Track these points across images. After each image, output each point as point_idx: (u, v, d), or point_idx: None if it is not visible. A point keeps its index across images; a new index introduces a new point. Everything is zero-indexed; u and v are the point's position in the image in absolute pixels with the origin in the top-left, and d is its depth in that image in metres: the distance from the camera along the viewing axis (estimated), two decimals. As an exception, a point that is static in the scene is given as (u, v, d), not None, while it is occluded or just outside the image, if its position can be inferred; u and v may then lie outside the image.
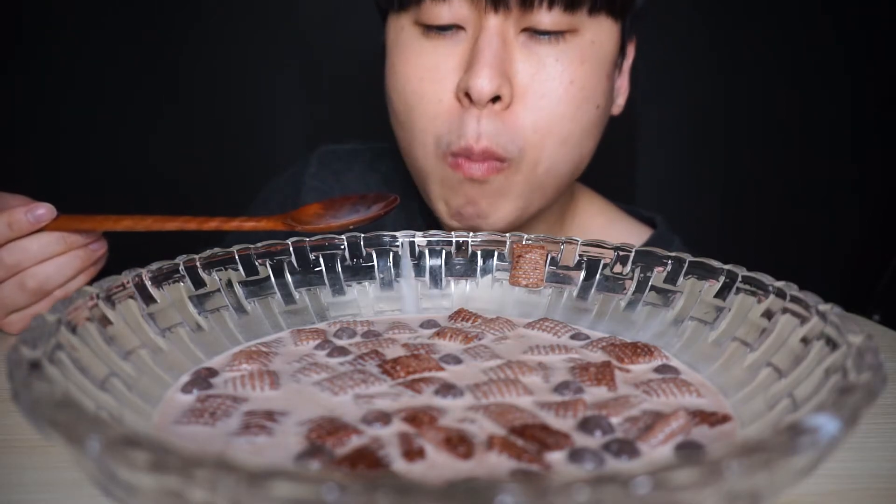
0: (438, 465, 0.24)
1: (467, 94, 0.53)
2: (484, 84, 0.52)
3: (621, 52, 0.60)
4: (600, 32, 0.56)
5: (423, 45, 0.56)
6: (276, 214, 0.51)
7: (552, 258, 0.43)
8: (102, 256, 0.51)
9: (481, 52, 0.52)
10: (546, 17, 0.53)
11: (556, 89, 0.54)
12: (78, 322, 0.29)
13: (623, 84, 0.63)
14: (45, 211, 0.46)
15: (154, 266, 0.36)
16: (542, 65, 0.54)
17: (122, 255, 0.52)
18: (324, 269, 0.42)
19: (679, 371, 0.34)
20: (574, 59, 0.55)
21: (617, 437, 0.27)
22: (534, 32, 0.54)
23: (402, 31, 0.57)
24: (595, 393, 0.31)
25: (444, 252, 0.44)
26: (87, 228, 0.48)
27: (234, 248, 0.40)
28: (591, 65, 0.56)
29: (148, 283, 0.34)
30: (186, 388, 0.31)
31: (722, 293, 0.36)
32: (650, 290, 0.39)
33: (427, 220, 0.73)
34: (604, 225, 0.72)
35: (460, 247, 0.44)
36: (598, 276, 0.41)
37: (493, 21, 0.53)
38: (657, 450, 0.26)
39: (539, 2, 0.52)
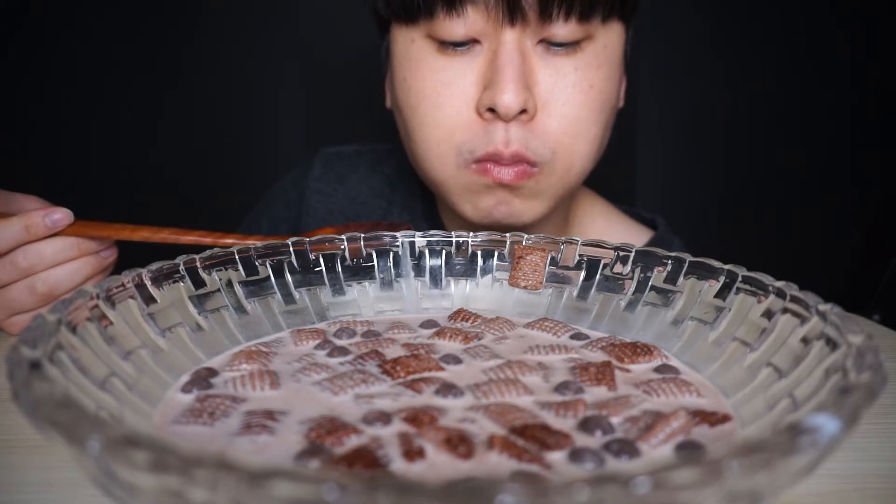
0: (438, 465, 0.24)
1: (490, 109, 0.53)
2: (511, 100, 0.51)
3: (625, 49, 0.60)
4: (611, 36, 0.56)
5: (437, 61, 0.55)
6: (291, 233, 0.53)
7: (552, 258, 0.43)
8: (112, 264, 0.51)
9: (504, 67, 0.52)
10: (562, 29, 0.53)
11: (577, 95, 0.55)
12: (78, 322, 0.29)
13: (622, 78, 0.64)
14: (62, 216, 0.47)
15: (154, 266, 0.36)
16: (561, 74, 0.54)
17: (122, 254, 0.52)
18: (324, 269, 0.42)
19: (679, 371, 0.34)
20: (591, 65, 0.55)
21: (617, 437, 0.27)
22: (550, 44, 0.54)
23: (412, 45, 0.56)
24: (595, 393, 0.31)
25: (444, 252, 0.44)
26: (104, 236, 0.48)
27: (234, 249, 0.40)
28: (607, 68, 0.56)
29: (148, 283, 0.34)
30: (186, 388, 0.31)
31: (722, 293, 0.36)
32: (650, 290, 0.39)
33: (430, 221, 0.73)
34: (604, 226, 0.73)
35: (460, 247, 0.44)
36: (598, 276, 0.41)
37: (511, 35, 0.52)
38: (657, 450, 0.26)
39: (556, 13, 0.52)
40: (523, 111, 0.53)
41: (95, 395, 0.26)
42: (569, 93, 0.54)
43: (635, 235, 0.73)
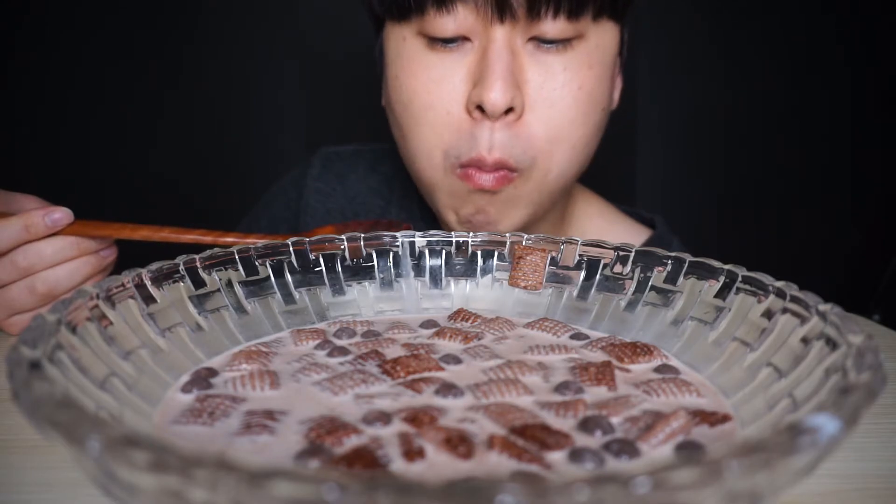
0: (438, 465, 0.24)
1: (478, 107, 0.53)
2: (498, 97, 0.51)
3: (620, 50, 0.60)
4: (603, 35, 0.56)
5: (428, 58, 0.55)
6: (291, 232, 0.53)
7: (552, 258, 0.43)
8: (112, 263, 0.51)
9: (492, 64, 0.52)
10: (552, 26, 0.52)
11: (566, 97, 0.54)
12: (78, 322, 0.29)
13: (618, 79, 0.63)
14: (62, 215, 0.47)
15: (154, 266, 0.36)
16: (550, 73, 0.54)
17: (122, 254, 0.52)
18: (324, 269, 0.42)
19: (679, 371, 0.34)
20: (582, 65, 0.55)
21: (617, 436, 0.27)
22: (540, 41, 0.54)
23: (404, 42, 0.56)
24: (595, 393, 0.31)
25: (444, 252, 0.44)
26: (104, 235, 0.48)
27: (235, 249, 0.40)
28: (598, 69, 0.56)
29: (148, 283, 0.34)
30: (186, 388, 0.31)
31: (722, 293, 0.36)
32: (650, 290, 0.39)
33: (428, 221, 0.73)
34: (603, 226, 0.73)
35: (460, 247, 0.44)
36: (598, 276, 0.41)
37: (500, 32, 0.52)
38: (657, 450, 0.26)
39: (545, 11, 0.52)
40: (511, 109, 0.53)
41: (95, 395, 0.26)
42: (557, 93, 0.54)
43: (634, 235, 0.72)
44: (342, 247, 0.43)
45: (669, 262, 0.39)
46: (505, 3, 0.51)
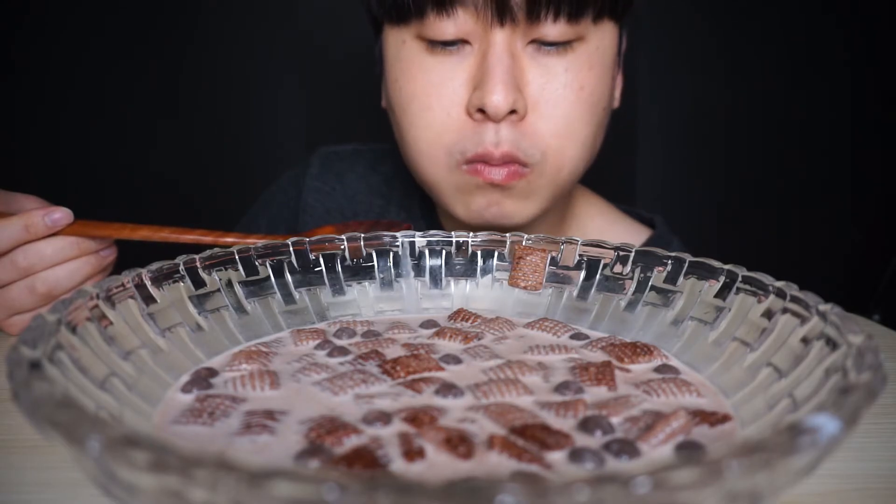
0: (438, 465, 0.24)
1: (480, 110, 0.53)
2: (499, 100, 0.51)
3: (620, 50, 0.60)
4: (604, 36, 0.56)
5: (427, 61, 0.55)
6: (290, 232, 0.52)
7: (552, 258, 0.43)
8: (111, 263, 0.51)
9: (493, 68, 0.52)
10: (552, 29, 0.52)
11: (568, 97, 0.54)
12: (78, 322, 0.29)
13: (618, 77, 0.63)
14: (62, 215, 0.47)
15: (154, 266, 0.36)
16: (551, 75, 0.54)
17: (122, 254, 0.52)
18: (324, 269, 0.42)
19: (679, 371, 0.34)
20: (583, 66, 0.55)
21: (617, 436, 0.27)
22: (541, 44, 0.54)
23: (403, 46, 0.56)
24: (595, 393, 0.31)
25: (444, 252, 0.44)
26: (104, 235, 0.48)
27: (235, 249, 0.40)
28: (598, 69, 0.56)
29: (148, 283, 0.34)
30: (186, 388, 0.31)
31: (722, 293, 0.36)
32: (650, 290, 0.39)
33: (428, 220, 0.73)
34: (603, 226, 0.73)
35: (460, 247, 0.44)
36: (598, 276, 0.41)
37: (500, 35, 0.52)
38: (657, 450, 0.26)
39: (545, 14, 0.52)
40: (513, 112, 0.53)
41: (95, 395, 0.26)
42: (559, 94, 0.54)
43: (634, 234, 0.72)
44: (342, 247, 0.43)
45: (669, 262, 0.39)
46: (505, 6, 0.51)
